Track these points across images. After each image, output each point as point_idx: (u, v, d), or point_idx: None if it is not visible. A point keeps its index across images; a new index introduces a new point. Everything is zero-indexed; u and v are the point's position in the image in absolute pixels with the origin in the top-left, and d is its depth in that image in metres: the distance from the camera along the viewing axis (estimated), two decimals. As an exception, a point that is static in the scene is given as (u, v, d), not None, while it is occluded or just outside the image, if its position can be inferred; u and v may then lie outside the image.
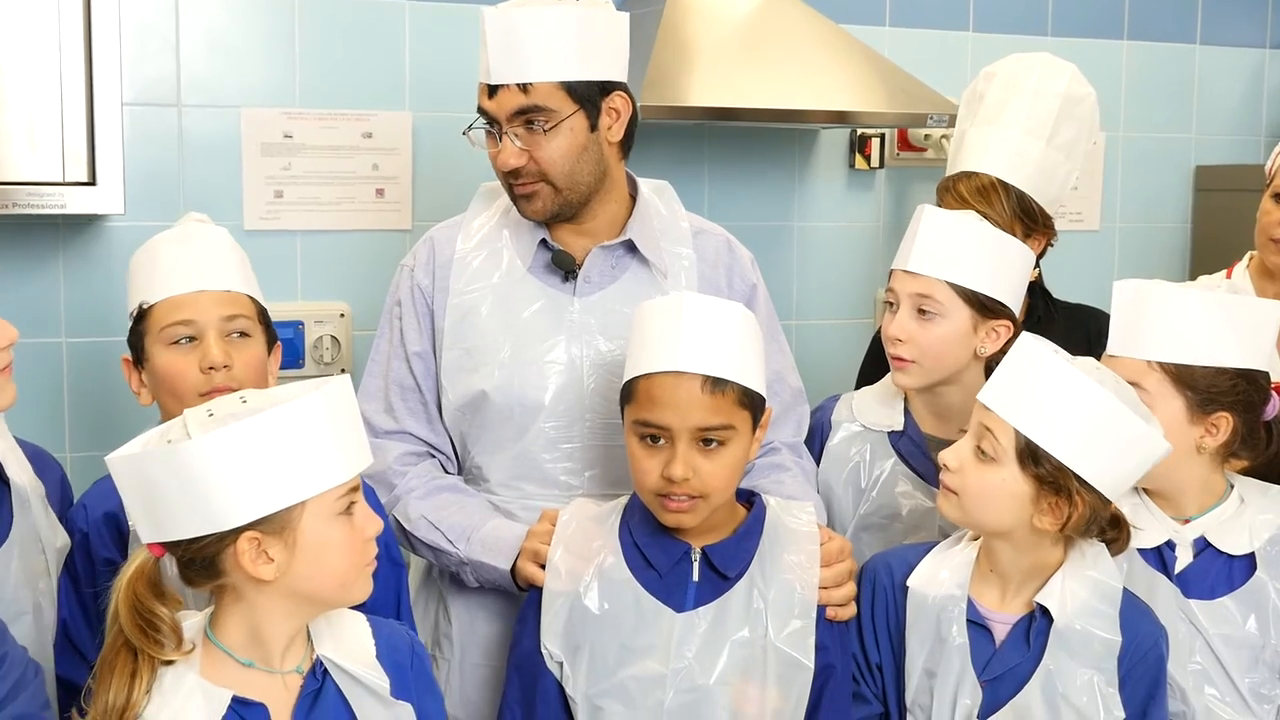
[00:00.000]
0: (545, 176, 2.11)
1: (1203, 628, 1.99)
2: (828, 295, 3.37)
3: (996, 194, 2.48)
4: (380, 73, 2.97)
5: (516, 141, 2.09)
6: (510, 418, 2.17)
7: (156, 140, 2.84)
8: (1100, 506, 1.85)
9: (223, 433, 1.49)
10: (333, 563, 1.58)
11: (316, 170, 2.94)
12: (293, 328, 2.93)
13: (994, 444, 1.85)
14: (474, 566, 2.10)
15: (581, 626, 1.91)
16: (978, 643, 1.91)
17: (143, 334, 2.05)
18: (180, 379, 2.01)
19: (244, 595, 1.58)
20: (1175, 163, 3.67)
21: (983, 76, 2.66)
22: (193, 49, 2.85)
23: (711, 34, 2.96)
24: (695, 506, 1.88)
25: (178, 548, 1.54)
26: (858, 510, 2.27)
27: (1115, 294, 2.08)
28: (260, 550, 1.53)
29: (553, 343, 2.16)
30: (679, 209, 2.30)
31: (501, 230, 2.24)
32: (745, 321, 1.93)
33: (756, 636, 1.88)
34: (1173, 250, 3.69)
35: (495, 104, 2.10)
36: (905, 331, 2.20)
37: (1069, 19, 3.50)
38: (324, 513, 1.56)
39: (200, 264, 2.08)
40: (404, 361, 2.24)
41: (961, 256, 2.19)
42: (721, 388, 1.86)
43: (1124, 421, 1.82)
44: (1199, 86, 3.67)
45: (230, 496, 1.50)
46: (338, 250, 2.98)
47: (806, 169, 3.33)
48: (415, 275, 2.24)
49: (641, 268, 2.21)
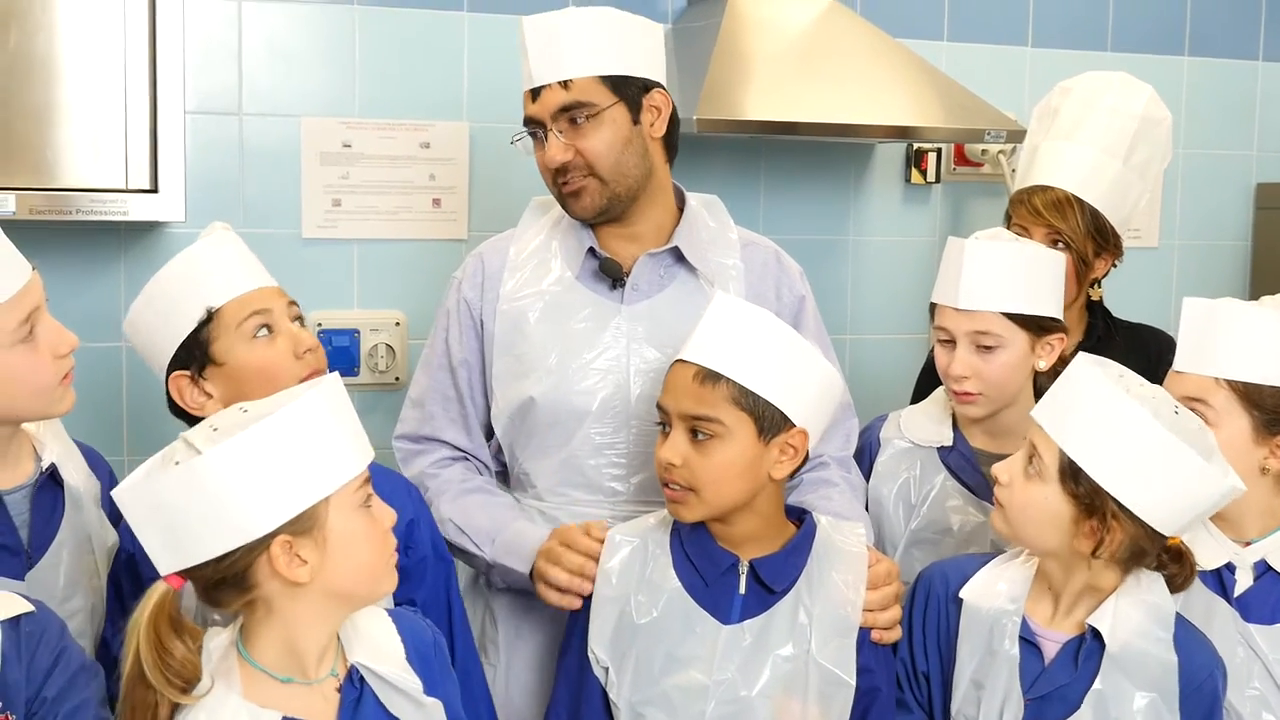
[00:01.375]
0: (592, 169, 2.14)
1: (1262, 653, 1.96)
2: (882, 310, 3.36)
3: (1072, 209, 2.47)
4: (438, 83, 2.99)
5: (561, 138, 2.13)
6: (557, 423, 2.18)
7: (217, 148, 2.87)
8: (1144, 537, 1.80)
9: (239, 440, 1.48)
10: (362, 555, 1.58)
11: (374, 180, 2.97)
12: (349, 336, 2.96)
13: (1039, 461, 1.84)
14: (499, 569, 2.14)
15: (630, 634, 1.91)
16: (1027, 659, 1.89)
17: (210, 339, 2.01)
18: (277, 368, 1.99)
19: (276, 606, 1.57)
20: (1236, 180, 3.63)
21: (1058, 91, 2.65)
22: (254, 59, 2.89)
23: (769, 47, 2.96)
24: (687, 499, 1.89)
25: (205, 569, 1.52)
26: (909, 526, 2.27)
27: (1185, 310, 2.05)
28: (293, 553, 1.53)
29: (600, 350, 2.18)
30: (728, 221, 2.31)
31: (551, 241, 2.27)
32: (771, 330, 1.91)
33: (800, 652, 1.88)
34: (1233, 268, 3.65)
35: (538, 106, 2.14)
36: (970, 368, 2.20)
37: (1129, 34, 3.48)
38: (347, 506, 1.56)
39: (249, 264, 2.08)
40: (447, 371, 2.27)
41: (1006, 283, 2.18)
42: (713, 381, 1.87)
43: (1175, 454, 1.76)
44: (1261, 103, 3.63)
45: (257, 504, 1.50)
46: (394, 259, 3.00)
47: (862, 183, 3.32)
48: (463, 289, 2.27)
49: (689, 277, 2.22)
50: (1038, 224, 2.46)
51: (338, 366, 2.88)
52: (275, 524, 1.51)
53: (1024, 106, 3.31)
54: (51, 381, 1.84)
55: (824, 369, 1.93)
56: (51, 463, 1.91)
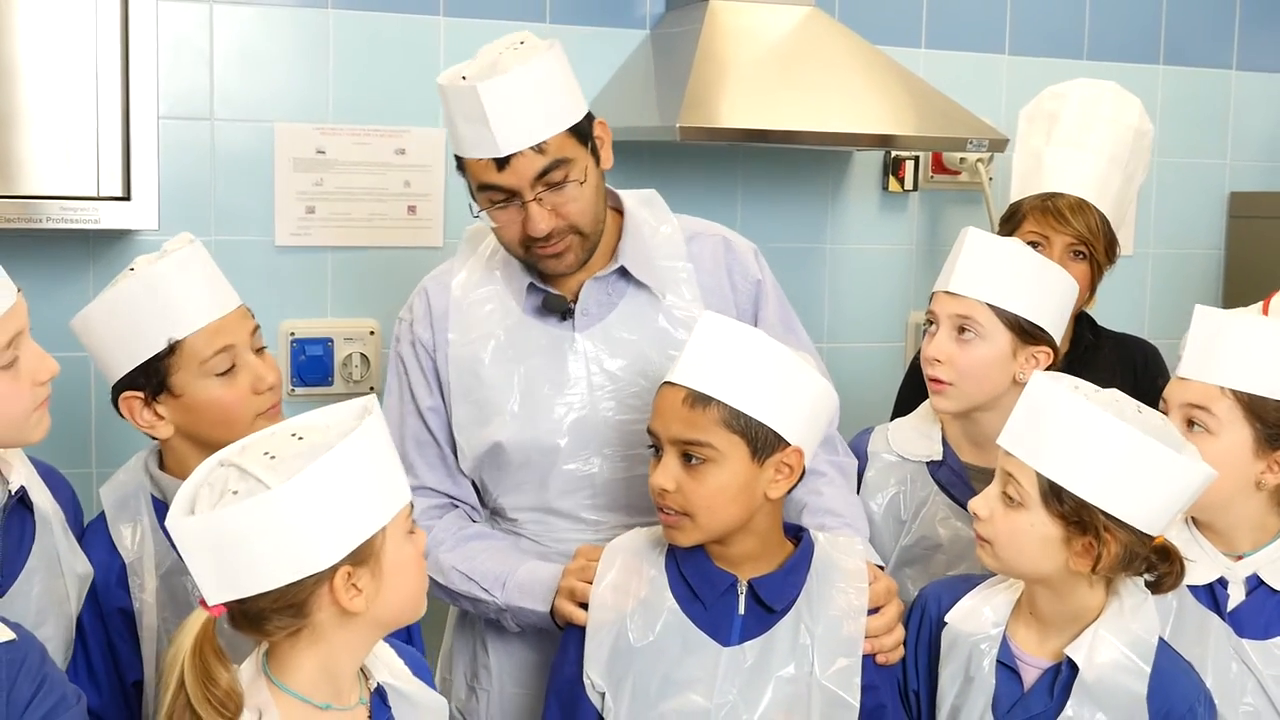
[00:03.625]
0: (576, 228, 2.05)
1: (1255, 668, 1.95)
2: (860, 318, 3.34)
3: (1093, 214, 2.48)
4: (414, 89, 2.95)
5: (543, 205, 2.01)
6: (528, 463, 2.14)
7: (188, 154, 2.82)
8: (1136, 543, 1.79)
9: (309, 474, 1.45)
10: (409, 583, 1.58)
11: (349, 186, 2.92)
12: (322, 345, 2.91)
13: (1018, 488, 1.81)
14: (513, 612, 2.08)
15: (626, 657, 1.88)
16: (1006, 685, 1.88)
17: (170, 370, 1.96)
18: (235, 407, 1.97)
19: (323, 634, 1.54)
20: (1210, 188, 3.64)
21: (1050, 95, 2.64)
22: (226, 63, 2.83)
23: (748, 55, 2.93)
24: (681, 524, 1.85)
25: (261, 599, 1.48)
26: (899, 542, 2.24)
27: (1195, 318, 2.03)
28: (350, 583, 1.51)
29: (561, 382, 2.12)
30: (668, 216, 2.22)
31: (493, 273, 2.18)
32: (760, 350, 1.86)
33: (802, 673, 1.85)
34: (1206, 276, 3.66)
35: (510, 175, 1.99)
36: (944, 352, 2.18)
37: (1105, 43, 3.48)
38: (399, 534, 1.56)
39: (214, 285, 2.02)
40: (418, 417, 2.19)
41: (1004, 280, 2.16)
42: (703, 404, 1.82)
43: (1150, 452, 1.75)
44: (1234, 112, 3.65)
45: (326, 535, 1.48)
46: (369, 267, 2.95)
47: (840, 191, 3.31)
48: (415, 330, 2.19)
49: (639, 290, 2.16)
50: (1063, 229, 2.45)
51: (311, 376, 2.89)
52: (341, 555, 1.49)
53: (1001, 114, 3.32)
54: (28, 409, 1.78)
55: (816, 384, 1.89)
56: (20, 485, 1.85)
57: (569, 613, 1.96)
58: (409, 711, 1.66)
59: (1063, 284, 2.24)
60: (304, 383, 2.90)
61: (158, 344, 1.95)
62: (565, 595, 1.98)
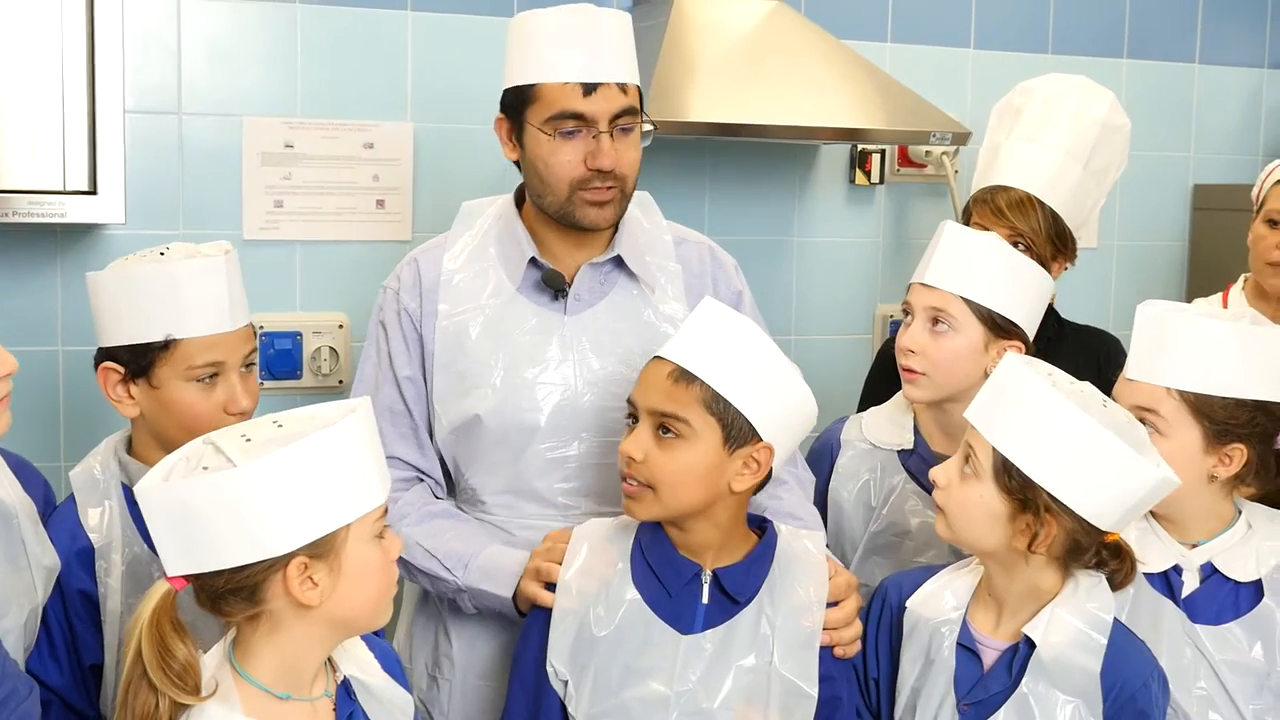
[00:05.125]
0: (624, 182, 2.10)
1: (1208, 653, 1.98)
2: (826, 311, 3.36)
3: (1034, 210, 2.49)
4: (382, 83, 2.96)
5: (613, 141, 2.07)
6: (505, 441, 2.14)
7: (156, 148, 2.82)
8: (1080, 531, 1.82)
9: (274, 458, 1.48)
10: (370, 586, 1.59)
11: (317, 180, 2.93)
12: (291, 339, 2.92)
13: (975, 460, 1.85)
14: (472, 594, 2.08)
15: (589, 647, 1.89)
16: (966, 666, 1.90)
17: (156, 362, 2.00)
18: (201, 418, 1.98)
19: (281, 623, 1.56)
20: (1173, 181, 3.68)
21: (1019, 91, 2.66)
22: (194, 56, 2.83)
23: (715, 48, 2.95)
24: (643, 495, 1.87)
25: (218, 578, 1.51)
26: (868, 529, 2.27)
27: (1139, 316, 2.05)
28: (306, 575, 1.52)
29: (545, 363, 2.14)
30: (660, 220, 2.28)
31: (487, 249, 2.20)
32: (751, 340, 1.90)
33: (762, 663, 1.87)
34: (1170, 269, 3.69)
35: (595, 103, 2.05)
36: (917, 343, 2.21)
37: (1070, 37, 3.51)
38: (364, 535, 1.57)
39: (233, 300, 2.05)
40: (394, 386, 2.20)
41: (979, 274, 2.19)
42: (688, 380, 1.85)
43: (1104, 445, 1.78)
44: (1197, 105, 3.68)
45: (283, 522, 1.49)
46: (337, 261, 2.96)
47: (806, 184, 3.33)
48: (401, 298, 2.20)
49: (629, 283, 2.19)
50: (1000, 224, 2.47)
51: (280, 370, 2.90)
52: (297, 544, 1.50)
53: (966, 107, 3.35)
54: None
55: (800, 391, 1.92)
56: None
57: (534, 593, 1.97)
58: (374, 706, 1.67)
59: (1037, 280, 2.26)
60: (273, 376, 2.91)
61: (156, 335, 1.99)
62: (531, 576, 1.99)
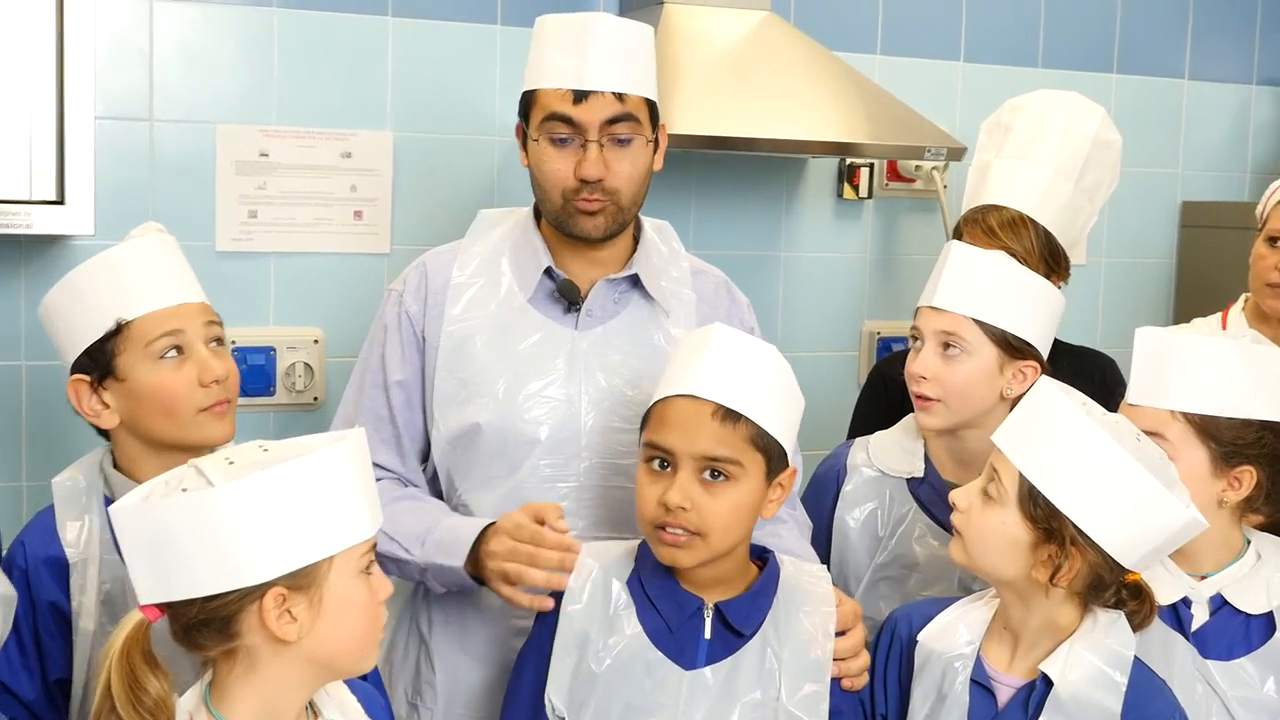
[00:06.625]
0: (616, 194, 2.05)
1: (1220, 690, 1.93)
2: (813, 327, 3.30)
3: (1026, 229, 2.43)
4: (361, 91, 2.88)
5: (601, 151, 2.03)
6: (503, 453, 2.08)
7: (126, 156, 2.73)
8: (1104, 567, 1.77)
9: (253, 480, 1.41)
10: (354, 625, 1.51)
11: (293, 190, 2.84)
12: (264, 354, 2.83)
13: (999, 485, 1.80)
14: (432, 570, 2.02)
15: (589, 682, 1.82)
16: (979, 703, 1.84)
17: (114, 352, 1.93)
18: (178, 396, 1.93)
19: (258, 661, 1.48)
20: (1162, 198, 3.64)
21: (1008, 109, 2.61)
22: (167, 62, 2.75)
23: (703, 60, 2.88)
24: (692, 544, 1.80)
25: (190, 607, 1.43)
26: (874, 559, 2.21)
27: (1138, 341, 2.02)
28: (284, 608, 1.45)
29: (551, 377, 2.09)
30: (679, 248, 2.25)
31: (499, 259, 2.16)
32: (775, 366, 1.87)
33: (769, 698, 1.80)
34: (1158, 286, 3.66)
35: (585, 110, 2.02)
36: (930, 369, 2.14)
37: (1059, 51, 3.47)
38: (349, 570, 1.49)
39: (178, 275, 2.00)
40: (382, 390, 2.15)
41: (989, 294, 2.14)
42: (734, 420, 1.79)
43: (1135, 479, 1.73)
44: (1186, 121, 3.65)
45: (261, 549, 1.42)
46: (313, 274, 2.88)
47: (794, 198, 3.27)
48: (404, 301, 2.15)
49: (643, 303, 2.15)
50: (992, 243, 2.41)
51: (253, 386, 2.81)
52: (275, 573, 1.43)
53: (956, 121, 3.30)
54: None
55: (801, 402, 1.89)
56: None
57: (510, 596, 1.90)
58: None
59: (1049, 297, 2.21)
60: (245, 393, 2.78)
61: (106, 323, 1.93)
62: (500, 579, 1.91)
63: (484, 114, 2.95)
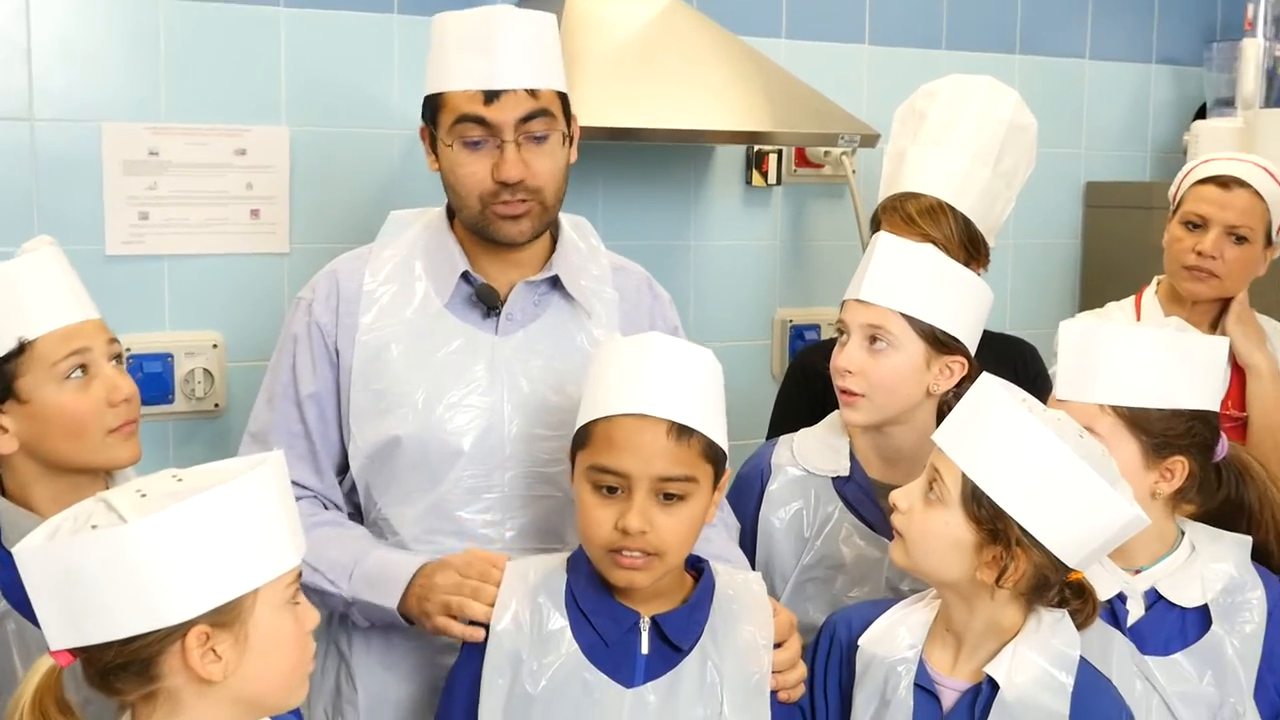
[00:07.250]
0: (539, 194, 1.98)
1: (1159, 685, 1.92)
2: (726, 316, 3.27)
3: (945, 216, 2.41)
4: (254, 84, 2.77)
5: (519, 152, 1.96)
6: (425, 465, 2.01)
7: (7, 157, 2.61)
8: (1049, 567, 1.75)
9: (169, 514, 1.34)
10: (282, 660, 1.45)
11: (185, 190, 2.73)
12: (161, 360, 2.72)
13: (941, 486, 1.77)
14: (360, 606, 1.95)
15: (524, 704, 1.75)
16: (924, 708, 1.81)
17: (16, 373, 1.84)
18: (87, 417, 1.86)
19: (181, 703, 1.41)
20: (1066, 179, 3.66)
21: (922, 94, 2.58)
22: (46, 57, 2.62)
23: (607, 47, 2.82)
24: (650, 565, 1.74)
25: (106, 650, 1.36)
26: (800, 561, 2.16)
27: (1062, 334, 2.00)
28: (208, 646, 1.38)
29: (472, 385, 2.02)
30: (598, 245, 2.19)
31: (413, 263, 2.08)
32: (712, 371, 1.82)
33: (711, 713, 1.75)
34: (1064, 267, 3.68)
35: (499, 110, 1.95)
36: (855, 363, 2.10)
37: (962, 33, 3.46)
38: (275, 602, 1.43)
39: (74, 291, 1.92)
40: (294, 404, 2.07)
41: (918, 288, 2.10)
42: (688, 436, 1.74)
43: (1080, 477, 1.71)
44: (1088, 101, 3.67)
45: (180, 586, 1.35)
46: (209, 276, 2.77)
47: (702, 186, 3.22)
48: (314, 310, 2.07)
49: (564, 305, 2.09)
50: (911, 231, 2.38)
51: (150, 394, 2.69)
52: (197, 611, 1.36)
53: (863, 105, 3.27)
54: None
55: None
56: None
57: (443, 625, 1.84)
58: None
59: (978, 292, 2.19)
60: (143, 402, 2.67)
61: (6, 344, 1.85)
62: (440, 610, 1.85)
63: (383, 106, 2.86)
